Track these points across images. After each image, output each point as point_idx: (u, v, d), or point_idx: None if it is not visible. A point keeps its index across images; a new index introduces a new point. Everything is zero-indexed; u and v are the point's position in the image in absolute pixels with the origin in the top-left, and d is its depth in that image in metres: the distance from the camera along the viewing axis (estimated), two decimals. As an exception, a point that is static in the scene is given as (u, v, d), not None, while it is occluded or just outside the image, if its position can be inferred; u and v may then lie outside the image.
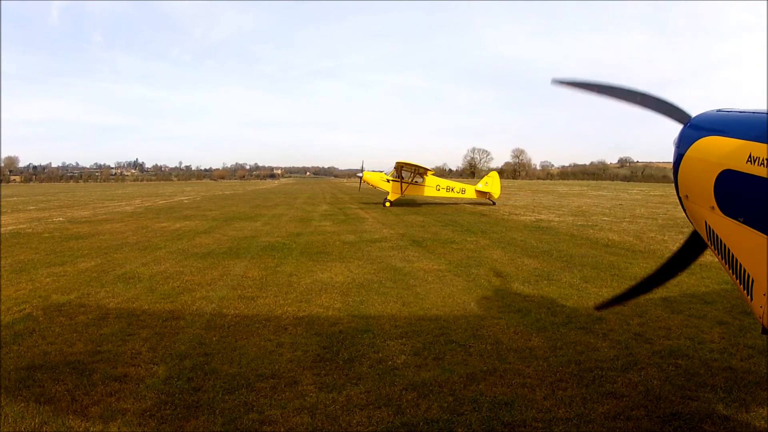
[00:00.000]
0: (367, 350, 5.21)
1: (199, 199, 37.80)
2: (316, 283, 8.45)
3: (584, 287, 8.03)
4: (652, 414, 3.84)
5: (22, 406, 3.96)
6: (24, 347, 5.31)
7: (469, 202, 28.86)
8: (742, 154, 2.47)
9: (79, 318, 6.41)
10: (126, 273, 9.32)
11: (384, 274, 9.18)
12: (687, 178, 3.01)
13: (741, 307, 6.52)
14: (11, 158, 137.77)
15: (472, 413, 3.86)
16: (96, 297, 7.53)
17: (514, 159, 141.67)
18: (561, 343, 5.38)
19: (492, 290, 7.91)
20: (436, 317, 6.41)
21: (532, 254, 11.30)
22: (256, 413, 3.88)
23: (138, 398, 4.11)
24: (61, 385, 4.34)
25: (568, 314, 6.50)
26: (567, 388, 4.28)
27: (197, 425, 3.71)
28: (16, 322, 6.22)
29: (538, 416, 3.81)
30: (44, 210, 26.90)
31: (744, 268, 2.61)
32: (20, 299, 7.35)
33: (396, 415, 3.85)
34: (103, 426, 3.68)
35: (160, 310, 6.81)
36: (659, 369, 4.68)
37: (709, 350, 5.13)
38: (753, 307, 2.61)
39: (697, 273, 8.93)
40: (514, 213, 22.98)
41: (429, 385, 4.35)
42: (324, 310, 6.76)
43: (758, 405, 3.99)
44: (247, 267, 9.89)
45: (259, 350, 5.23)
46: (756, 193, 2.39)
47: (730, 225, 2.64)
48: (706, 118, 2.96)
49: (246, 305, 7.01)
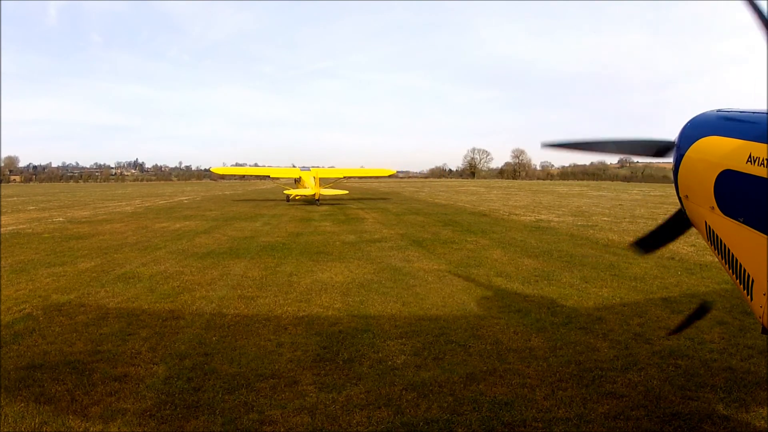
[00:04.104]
0: (367, 350, 5.21)
1: (198, 200, 37.80)
2: (316, 283, 8.45)
3: (584, 287, 8.03)
4: (652, 414, 3.84)
5: (22, 406, 3.96)
6: (24, 347, 5.31)
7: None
8: (742, 154, 2.47)
9: (78, 318, 6.41)
10: (126, 273, 9.32)
11: (384, 274, 9.18)
12: (687, 178, 3.01)
13: (741, 307, 6.52)
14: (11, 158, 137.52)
15: (472, 413, 3.86)
16: (96, 297, 7.53)
17: (514, 159, 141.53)
18: (561, 343, 5.38)
19: (492, 290, 7.91)
20: (436, 317, 6.42)
21: (532, 254, 11.30)
22: (256, 413, 3.88)
23: (138, 398, 4.11)
24: (61, 385, 4.34)
25: (568, 314, 6.50)
26: (567, 388, 4.28)
27: (197, 425, 3.70)
28: (16, 321, 6.23)
29: (538, 416, 3.81)
30: (44, 210, 26.89)
31: (744, 268, 2.61)
32: (20, 299, 7.35)
33: (396, 415, 3.85)
34: (103, 426, 3.67)
35: (160, 309, 6.81)
36: (659, 369, 4.68)
37: (709, 350, 5.13)
38: (753, 307, 2.61)
39: (697, 273, 8.94)
40: (514, 213, 22.98)
41: (429, 385, 4.35)
42: (324, 310, 6.76)
43: (758, 405, 3.99)
44: (247, 267, 9.89)
45: (259, 350, 5.24)
46: (756, 193, 2.39)
47: (730, 225, 2.64)
48: (706, 118, 2.96)
49: (246, 305, 7.01)
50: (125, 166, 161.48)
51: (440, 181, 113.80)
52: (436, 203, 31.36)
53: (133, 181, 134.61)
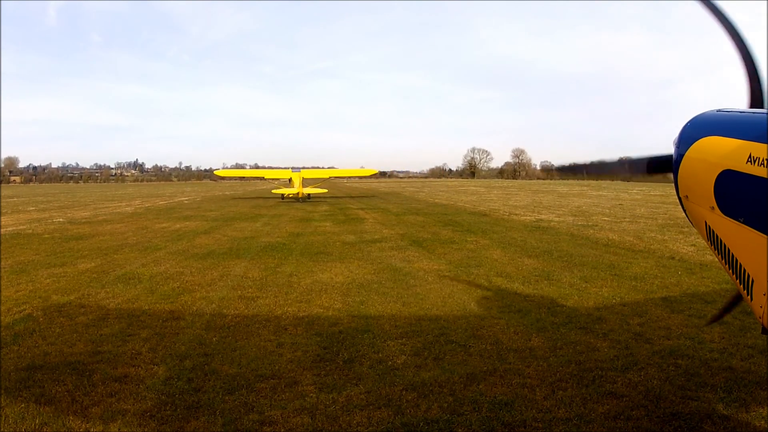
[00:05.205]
0: (367, 350, 5.21)
1: (199, 200, 37.81)
2: (316, 283, 8.45)
3: (584, 287, 8.03)
4: (652, 414, 3.84)
5: (23, 406, 3.96)
6: (24, 348, 5.31)
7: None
8: (742, 154, 2.47)
9: (79, 318, 6.41)
10: (126, 274, 9.32)
11: (384, 274, 9.18)
12: (687, 178, 3.01)
13: (741, 307, 6.51)
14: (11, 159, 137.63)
15: (472, 413, 3.86)
16: (96, 298, 7.53)
17: (514, 159, 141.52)
18: (561, 343, 5.38)
19: (492, 290, 7.91)
20: (436, 317, 6.42)
21: (532, 254, 11.30)
22: (256, 414, 3.88)
23: (138, 399, 4.11)
24: (61, 386, 4.34)
25: (568, 314, 6.50)
26: (567, 388, 4.28)
27: (197, 426, 3.70)
28: (16, 322, 6.23)
29: (538, 416, 3.81)
30: (44, 211, 26.91)
31: (744, 268, 2.61)
32: (20, 300, 7.35)
33: (396, 415, 3.85)
34: (104, 427, 3.68)
35: (160, 310, 6.81)
36: (659, 369, 4.68)
37: (709, 350, 5.13)
38: (753, 307, 2.61)
39: (697, 273, 8.94)
40: (514, 213, 22.98)
41: (429, 386, 4.35)
42: (324, 311, 6.76)
43: (758, 405, 3.99)
44: (248, 267, 9.89)
45: (259, 350, 5.24)
46: (756, 193, 2.38)
47: (730, 225, 2.64)
48: (706, 118, 2.95)
49: (246, 305, 7.01)
50: (125, 167, 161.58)
51: (440, 181, 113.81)
52: (436, 203, 31.37)
53: (133, 181, 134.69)
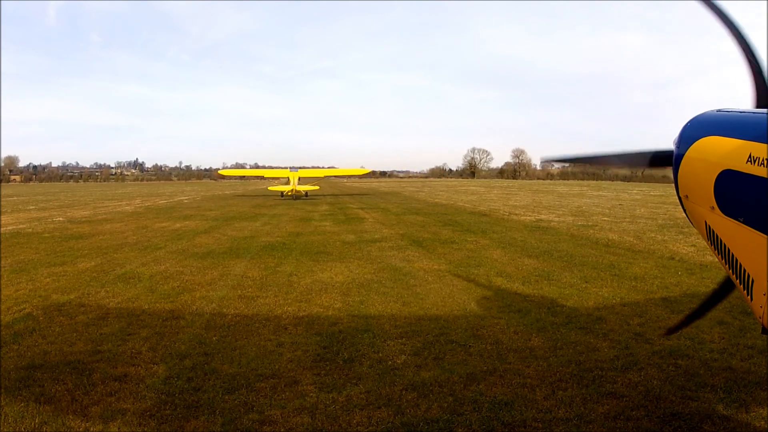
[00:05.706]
0: (367, 350, 5.21)
1: (199, 199, 37.81)
2: (316, 282, 8.45)
3: (584, 287, 8.03)
4: (652, 414, 3.84)
5: (22, 405, 3.96)
6: (24, 347, 5.31)
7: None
8: (742, 154, 2.47)
9: (79, 318, 6.41)
10: (126, 273, 9.32)
11: (384, 274, 9.18)
12: (687, 178, 3.01)
13: (741, 307, 6.51)
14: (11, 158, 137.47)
15: (472, 413, 3.86)
16: (96, 297, 7.53)
17: (514, 159, 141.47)
18: (561, 343, 5.38)
19: (492, 290, 7.91)
20: (436, 317, 6.41)
21: (532, 254, 11.30)
22: (256, 413, 3.88)
23: (138, 398, 4.11)
24: (61, 385, 4.34)
25: (568, 314, 6.50)
26: (567, 388, 4.28)
27: (197, 425, 3.71)
28: (16, 321, 6.23)
29: (538, 416, 3.81)
30: (44, 210, 26.90)
31: (744, 268, 2.61)
32: (20, 299, 7.35)
33: (396, 415, 3.85)
34: (103, 426, 3.68)
35: (160, 309, 6.81)
36: (659, 369, 4.68)
37: (709, 350, 5.13)
38: (753, 307, 2.62)
39: (698, 273, 8.94)
40: (514, 213, 22.98)
41: (429, 385, 4.35)
42: (324, 310, 6.76)
43: (758, 405, 3.99)
44: (247, 267, 9.89)
45: (259, 350, 5.24)
46: (756, 193, 2.39)
47: (730, 225, 2.64)
48: (706, 118, 2.96)
49: (246, 305, 7.02)
50: (125, 166, 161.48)
51: (440, 180, 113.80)
52: (436, 203, 31.37)
53: (133, 180, 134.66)
